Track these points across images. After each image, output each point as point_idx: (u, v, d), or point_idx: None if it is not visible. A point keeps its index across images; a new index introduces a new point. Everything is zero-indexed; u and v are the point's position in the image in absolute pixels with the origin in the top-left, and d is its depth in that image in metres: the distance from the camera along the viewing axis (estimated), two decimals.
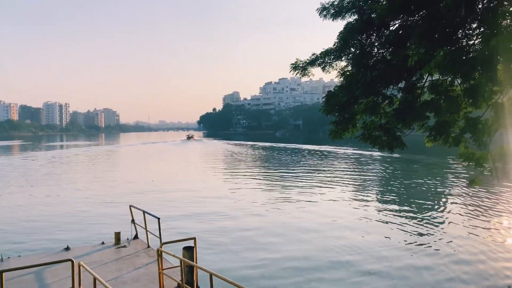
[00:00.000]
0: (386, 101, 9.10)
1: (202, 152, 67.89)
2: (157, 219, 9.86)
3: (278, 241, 14.49)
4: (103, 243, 11.01)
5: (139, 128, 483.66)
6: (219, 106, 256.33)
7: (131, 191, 25.75)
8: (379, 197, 23.86)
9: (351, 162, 45.01)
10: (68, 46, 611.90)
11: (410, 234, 15.21)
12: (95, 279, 6.37)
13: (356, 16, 9.17)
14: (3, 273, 6.10)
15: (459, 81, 7.96)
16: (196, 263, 7.82)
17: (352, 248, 13.49)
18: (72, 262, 6.81)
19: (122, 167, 45.88)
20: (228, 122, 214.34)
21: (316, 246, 13.81)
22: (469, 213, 18.42)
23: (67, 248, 10.50)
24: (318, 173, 34.20)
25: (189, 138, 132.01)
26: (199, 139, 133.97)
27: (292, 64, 10.39)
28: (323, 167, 39.76)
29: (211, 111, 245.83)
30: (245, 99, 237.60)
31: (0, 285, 6.07)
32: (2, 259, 9.51)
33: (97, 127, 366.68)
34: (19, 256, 10.19)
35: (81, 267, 7.04)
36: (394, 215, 18.51)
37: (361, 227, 16.32)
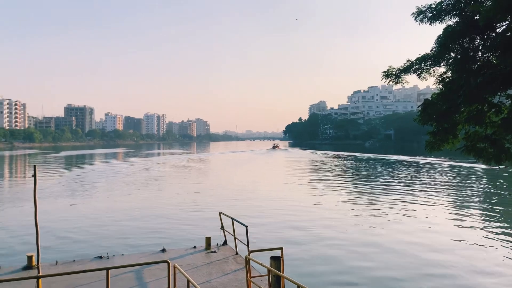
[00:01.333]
0: (493, 110, 8.28)
1: (287, 161, 68.31)
2: (244, 227, 10.13)
3: (368, 254, 13.89)
4: (194, 247, 11.63)
5: (227, 137, 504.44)
6: (305, 116, 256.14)
7: (220, 197, 26.87)
8: (484, 214, 21.57)
9: (450, 175, 41.47)
10: (164, 62, 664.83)
11: None
12: (188, 281, 6.76)
13: (456, 19, 8.53)
14: (109, 270, 6.76)
15: None
16: (283, 273, 7.84)
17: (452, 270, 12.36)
18: (168, 263, 7.31)
19: (212, 174, 48.12)
20: (314, 132, 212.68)
21: (413, 267, 12.94)
22: None
23: (163, 250, 11.29)
24: (412, 186, 32.11)
25: (274, 147, 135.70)
26: (284, 149, 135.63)
27: (384, 71, 10.02)
28: (418, 179, 37.23)
29: (297, 121, 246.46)
30: (332, 108, 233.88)
31: (106, 280, 6.74)
32: (108, 256, 10.56)
33: (189, 136, 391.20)
34: (122, 255, 11.21)
35: (176, 268, 7.54)
36: (504, 235, 16.58)
37: (465, 248, 14.90)
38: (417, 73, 9.37)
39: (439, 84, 9.17)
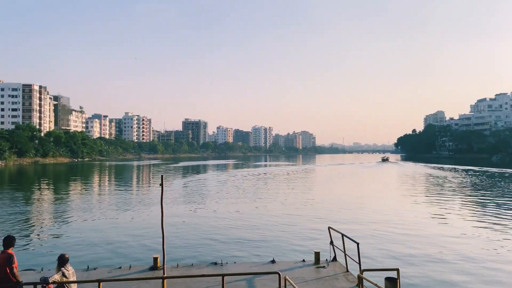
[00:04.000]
0: None
1: (399, 175, 64.19)
2: (356, 244, 9.80)
3: (499, 281, 12.23)
4: (303, 260, 11.61)
5: (333, 150, 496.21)
6: (419, 127, 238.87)
7: (328, 211, 26.42)
8: None
9: None
10: (271, 76, 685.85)
11: None
12: None
13: None
14: (224, 277, 7.14)
15: None
16: None
17: None
18: (279, 275, 7.43)
19: (319, 186, 47.69)
20: (430, 145, 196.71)
21: None
22: None
23: (273, 261, 11.51)
24: None
25: (384, 160, 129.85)
26: (394, 162, 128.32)
27: None
28: None
29: (410, 133, 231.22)
30: (451, 118, 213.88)
31: (221, 286, 7.13)
32: (222, 263, 11.17)
33: (295, 149, 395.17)
34: (235, 262, 11.74)
35: (286, 281, 7.62)
36: None
37: None
38: None
39: None
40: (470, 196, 36.24)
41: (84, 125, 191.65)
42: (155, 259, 10.84)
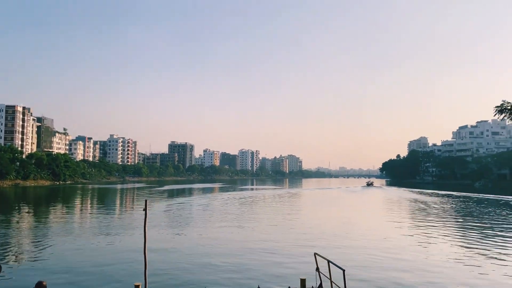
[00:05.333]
0: None
1: (383, 199, 64.58)
2: (342, 270, 9.74)
3: None
4: (289, 287, 11.47)
5: (320, 174, 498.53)
6: (404, 153, 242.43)
7: (315, 236, 26.31)
8: None
9: None
10: (256, 100, 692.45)
11: None
12: None
13: None
14: None
15: None
16: None
17: None
18: None
19: (305, 210, 47.56)
20: (414, 170, 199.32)
21: None
22: None
23: None
24: None
25: (369, 184, 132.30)
26: (379, 186, 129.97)
27: (497, 106, 9.24)
28: None
29: (395, 158, 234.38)
30: (434, 144, 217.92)
31: None
32: None
33: (282, 172, 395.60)
34: None
35: None
36: None
37: None
38: None
39: None
40: (453, 221, 36.60)
41: (67, 147, 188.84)
42: (137, 287, 10.57)
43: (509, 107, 9.16)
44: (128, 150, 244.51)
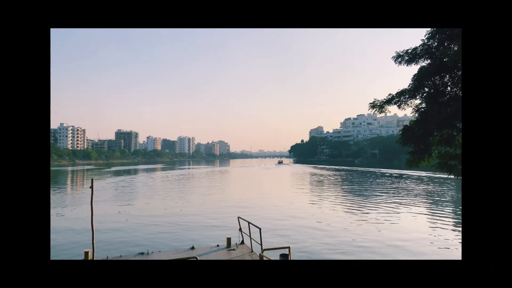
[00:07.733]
0: (461, 134, 8.15)
1: (291, 173, 67.84)
2: (258, 229, 10.01)
3: (351, 251, 13.52)
4: (218, 245, 11.49)
5: (243, 155, 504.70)
6: (306, 138, 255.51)
7: (238, 203, 26.67)
8: (449, 212, 20.88)
9: (424, 184, 40.48)
10: (191, 91, 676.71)
11: None
12: None
13: (429, 61, 8.54)
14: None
15: None
16: None
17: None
18: (197, 259, 7.24)
19: (231, 184, 47.97)
20: (313, 151, 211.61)
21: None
22: None
23: (192, 248, 11.17)
24: (395, 194, 31.41)
25: (279, 163, 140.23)
26: (288, 164, 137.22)
27: (371, 103, 10.00)
28: (400, 188, 36.43)
29: (300, 142, 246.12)
30: (327, 132, 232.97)
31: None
32: (148, 253, 10.50)
33: (213, 155, 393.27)
34: (159, 251, 11.13)
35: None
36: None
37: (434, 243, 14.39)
38: (397, 104, 9.33)
39: (415, 113, 9.09)
40: (341, 188, 39.69)
41: None
42: (86, 253, 9.78)
43: (378, 104, 9.88)
44: (77, 137, 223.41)
